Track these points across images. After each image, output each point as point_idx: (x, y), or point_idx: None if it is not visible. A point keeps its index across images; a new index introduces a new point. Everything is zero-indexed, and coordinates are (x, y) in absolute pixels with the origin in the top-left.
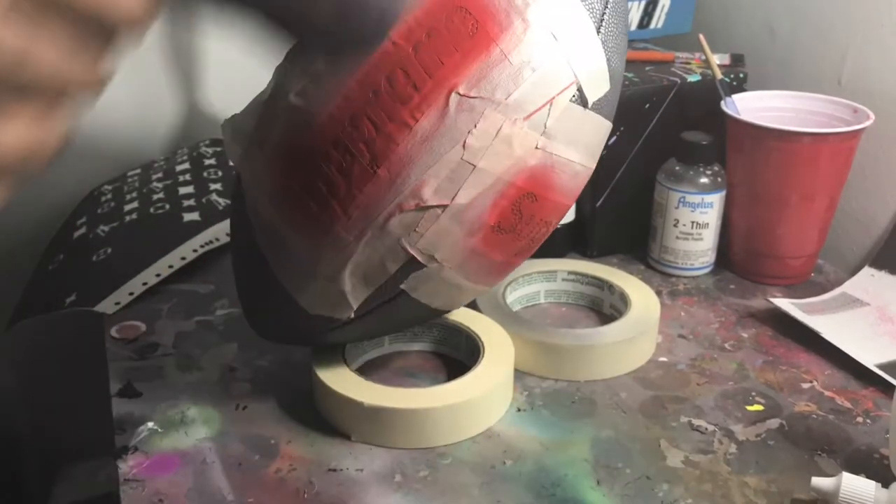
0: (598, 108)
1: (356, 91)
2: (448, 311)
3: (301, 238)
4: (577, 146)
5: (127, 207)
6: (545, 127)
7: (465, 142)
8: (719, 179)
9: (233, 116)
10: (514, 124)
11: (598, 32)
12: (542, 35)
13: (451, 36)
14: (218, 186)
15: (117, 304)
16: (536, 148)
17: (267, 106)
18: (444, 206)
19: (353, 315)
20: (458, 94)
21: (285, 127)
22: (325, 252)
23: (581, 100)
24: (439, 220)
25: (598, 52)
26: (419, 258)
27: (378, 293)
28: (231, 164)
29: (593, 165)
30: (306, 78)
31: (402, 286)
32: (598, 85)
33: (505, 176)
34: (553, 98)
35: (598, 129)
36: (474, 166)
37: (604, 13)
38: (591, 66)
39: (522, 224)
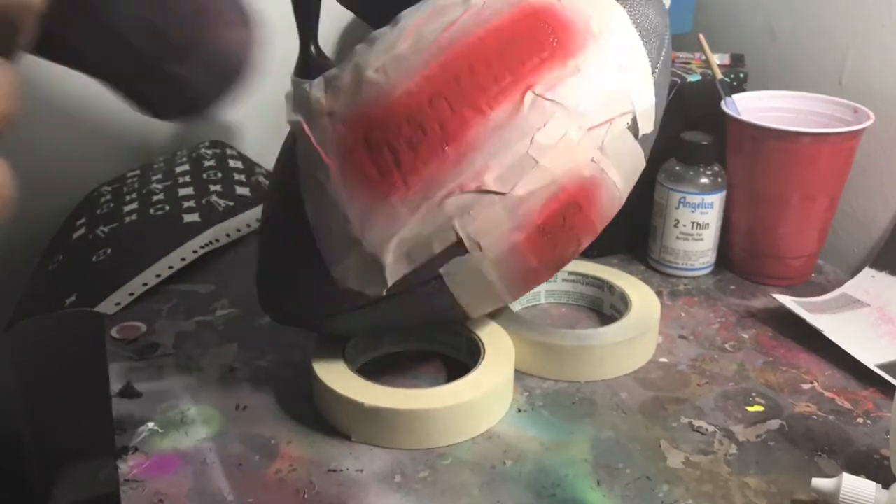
0: (643, 143)
1: (438, 74)
2: (465, 318)
3: (356, 203)
4: (621, 170)
5: (126, 208)
6: (602, 143)
7: (533, 137)
8: (719, 180)
9: (302, 82)
10: (579, 131)
11: (653, 74)
12: (612, 62)
13: (535, 44)
14: (217, 188)
15: (117, 304)
16: (592, 161)
17: (340, 80)
18: (502, 195)
19: (384, 293)
20: (534, 93)
21: (361, 99)
22: (376, 220)
23: (633, 129)
24: (494, 207)
25: (651, 92)
26: (466, 243)
27: (415, 274)
28: (288, 128)
29: (625, 196)
30: (387, 56)
31: (442, 270)
32: (648, 121)
33: (562, 178)
34: (613, 119)
35: (638, 161)
36: (537, 162)
37: (658, 59)
38: (645, 102)
39: (563, 232)
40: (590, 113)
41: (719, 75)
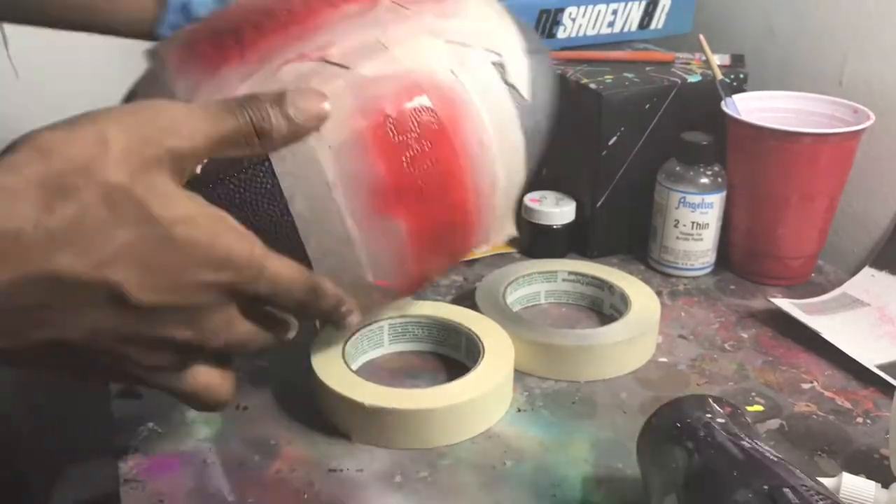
0: (518, 104)
1: None
2: (293, 234)
3: (185, 79)
4: (485, 102)
5: None
6: (463, 62)
7: (387, 28)
8: (720, 180)
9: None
10: (436, 39)
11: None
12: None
13: None
14: None
15: None
16: (451, 72)
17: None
18: (346, 69)
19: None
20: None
21: (213, 14)
22: (202, 92)
23: (501, 73)
24: (336, 81)
25: (524, 63)
26: None
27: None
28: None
29: (494, 141)
30: None
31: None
32: (521, 82)
33: (415, 72)
34: (475, 46)
35: (504, 109)
36: (387, 48)
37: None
38: (517, 68)
39: (414, 141)
40: (450, 29)
41: (719, 76)
